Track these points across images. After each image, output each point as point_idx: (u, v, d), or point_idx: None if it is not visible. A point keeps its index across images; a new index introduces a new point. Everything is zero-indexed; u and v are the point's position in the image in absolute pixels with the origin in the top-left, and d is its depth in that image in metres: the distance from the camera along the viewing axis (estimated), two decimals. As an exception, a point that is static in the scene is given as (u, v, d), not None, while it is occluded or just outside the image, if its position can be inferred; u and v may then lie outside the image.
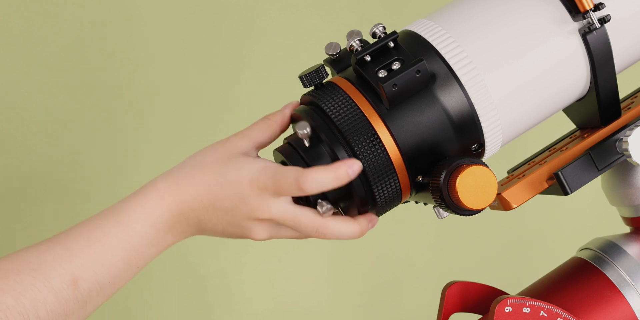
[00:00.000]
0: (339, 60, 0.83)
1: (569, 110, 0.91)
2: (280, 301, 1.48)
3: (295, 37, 1.43)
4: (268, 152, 0.84)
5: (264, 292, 1.47)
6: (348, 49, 0.82)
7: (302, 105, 0.83)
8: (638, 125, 0.84)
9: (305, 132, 0.78)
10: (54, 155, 1.36)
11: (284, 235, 0.82)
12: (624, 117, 0.87)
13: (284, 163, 0.82)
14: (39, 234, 1.32)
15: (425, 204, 0.86)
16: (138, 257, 0.78)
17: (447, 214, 0.82)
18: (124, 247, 0.77)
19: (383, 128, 0.78)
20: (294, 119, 0.83)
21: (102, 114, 1.37)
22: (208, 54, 1.40)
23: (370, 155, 0.78)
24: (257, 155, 0.82)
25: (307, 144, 0.79)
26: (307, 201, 0.81)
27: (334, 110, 0.79)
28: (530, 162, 0.92)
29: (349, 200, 0.80)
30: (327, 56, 0.85)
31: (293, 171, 0.77)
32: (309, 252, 1.48)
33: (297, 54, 1.42)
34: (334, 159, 0.79)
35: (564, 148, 0.89)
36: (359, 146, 0.78)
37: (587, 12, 0.81)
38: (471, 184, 0.76)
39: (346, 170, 0.77)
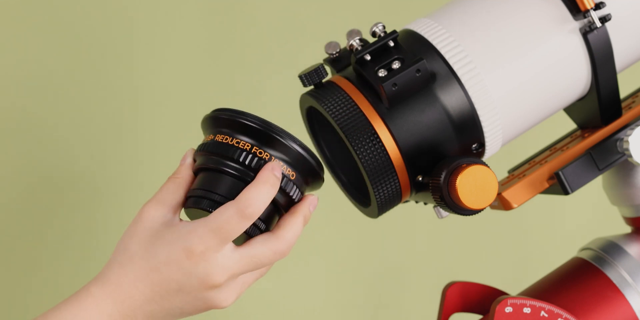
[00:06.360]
0: (339, 59, 0.83)
1: (569, 110, 0.91)
2: (277, 300, 1.48)
3: (295, 36, 1.42)
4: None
5: (262, 293, 1.47)
6: (348, 48, 0.82)
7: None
8: (639, 125, 0.84)
9: None
10: (65, 151, 1.36)
11: (249, 283, 0.75)
12: (625, 117, 0.87)
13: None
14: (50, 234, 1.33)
15: (425, 203, 0.85)
16: None
17: (447, 213, 0.81)
18: None
19: (383, 127, 0.78)
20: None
21: (102, 109, 1.37)
22: (206, 53, 1.40)
23: (370, 155, 0.78)
24: (180, 219, 0.75)
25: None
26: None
27: (334, 110, 0.79)
28: (531, 162, 0.92)
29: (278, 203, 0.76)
30: (327, 55, 0.84)
31: (229, 207, 0.72)
32: (306, 253, 1.48)
33: (297, 53, 1.42)
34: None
35: (564, 148, 0.89)
36: (359, 146, 0.78)
37: (587, 11, 0.81)
38: (471, 183, 0.76)
39: (268, 172, 0.73)
